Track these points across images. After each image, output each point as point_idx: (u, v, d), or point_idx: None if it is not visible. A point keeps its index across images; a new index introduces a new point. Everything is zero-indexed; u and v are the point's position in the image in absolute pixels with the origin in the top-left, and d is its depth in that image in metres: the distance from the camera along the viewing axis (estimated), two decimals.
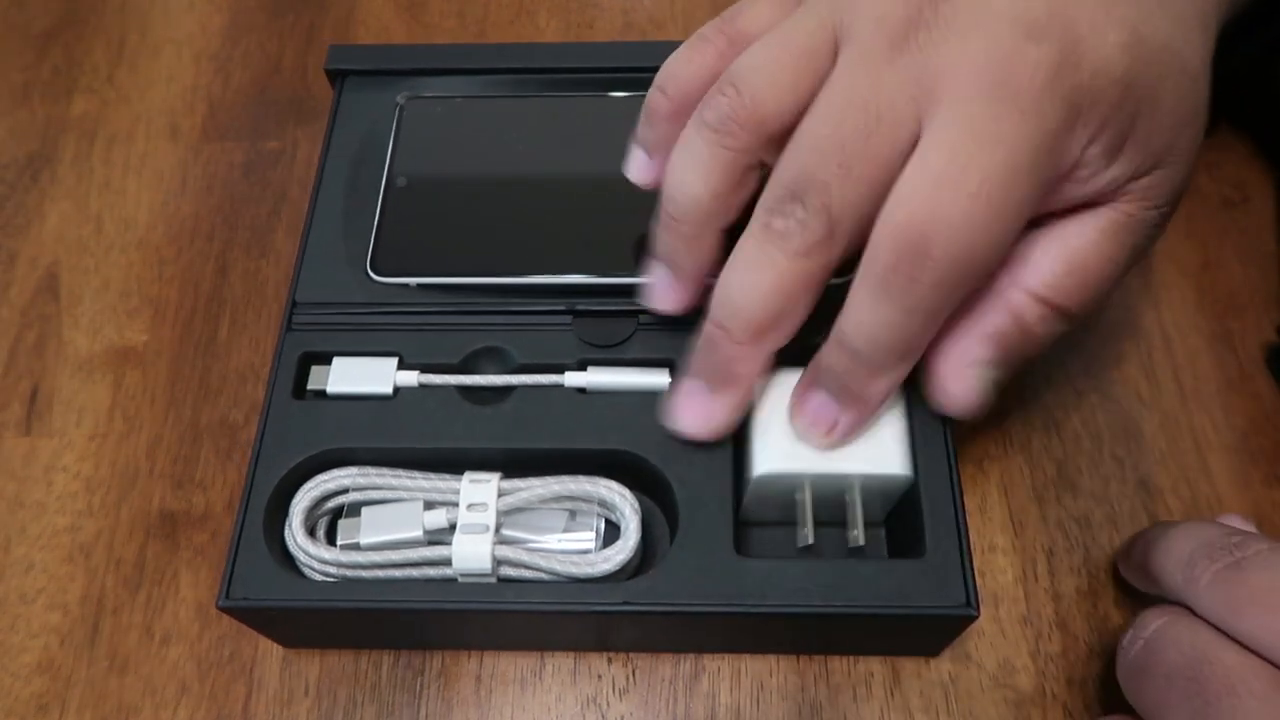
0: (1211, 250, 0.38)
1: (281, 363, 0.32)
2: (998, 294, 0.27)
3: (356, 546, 0.30)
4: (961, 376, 0.27)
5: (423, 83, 0.37)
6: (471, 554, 0.28)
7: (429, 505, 0.30)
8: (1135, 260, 0.28)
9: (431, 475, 0.30)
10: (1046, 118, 0.23)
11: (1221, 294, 0.37)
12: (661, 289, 0.30)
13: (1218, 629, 0.24)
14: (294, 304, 0.33)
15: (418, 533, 0.29)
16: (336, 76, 0.38)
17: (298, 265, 0.33)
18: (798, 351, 0.28)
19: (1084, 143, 0.25)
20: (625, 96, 0.36)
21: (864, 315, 0.25)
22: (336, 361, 0.32)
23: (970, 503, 0.33)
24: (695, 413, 0.29)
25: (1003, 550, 0.33)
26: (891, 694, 0.31)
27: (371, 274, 0.33)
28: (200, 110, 0.43)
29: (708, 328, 0.27)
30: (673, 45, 0.28)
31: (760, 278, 0.25)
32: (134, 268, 0.39)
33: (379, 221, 0.34)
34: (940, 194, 0.23)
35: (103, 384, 0.37)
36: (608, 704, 0.31)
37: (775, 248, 0.25)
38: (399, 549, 0.29)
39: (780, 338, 0.27)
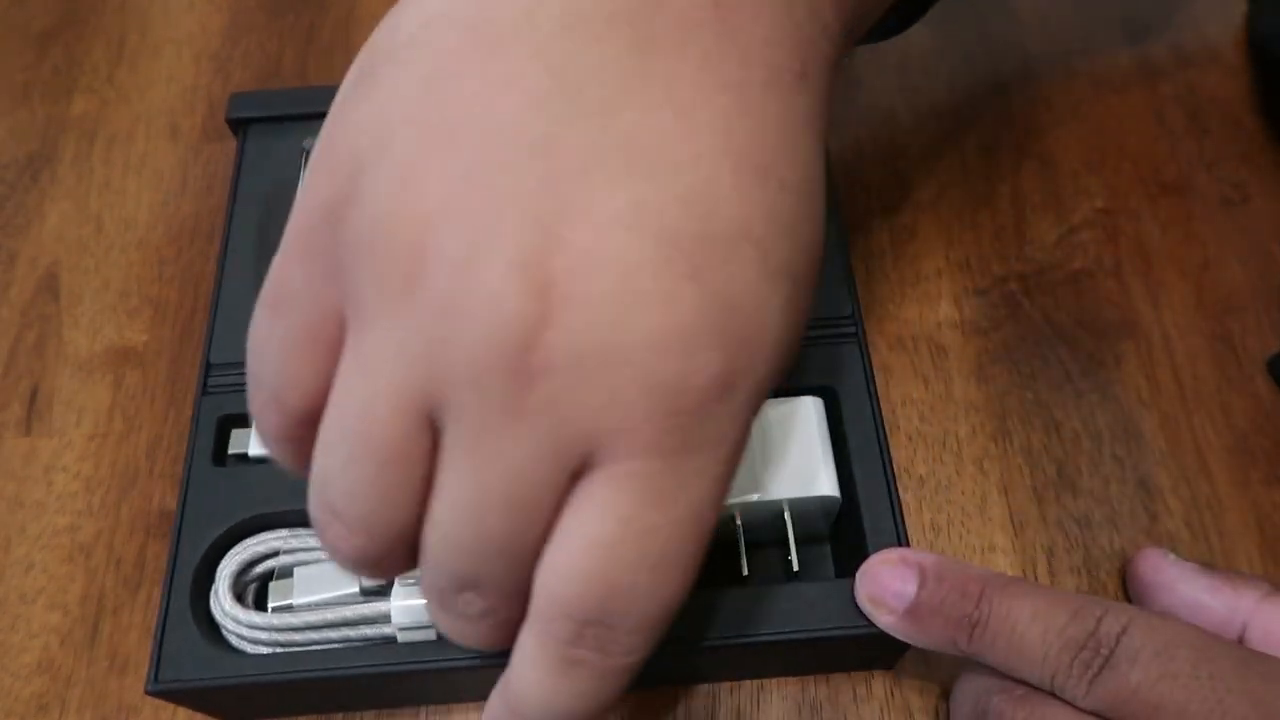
0: (1211, 250, 0.38)
1: (200, 428, 0.30)
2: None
3: (290, 609, 0.28)
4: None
5: None
6: (410, 608, 0.27)
7: None
8: (697, 537, 0.19)
9: None
10: None
11: (1221, 294, 0.37)
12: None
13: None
14: (209, 366, 0.31)
15: (354, 589, 0.28)
16: (239, 126, 0.37)
17: (210, 326, 0.32)
18: None
19: None
20: None
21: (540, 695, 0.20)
22: None
23: (970, 503, 0.33)
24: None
25: (1003, 550, 0.33)
26: (892, 694, 0.31)
27: None
28: (200, 110, 0.43)
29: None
30: None
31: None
32: (134, 268, 0.39)
33: None
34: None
35: (102, 384, 0.37)
36: None
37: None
38: (334, 608, 0.28)
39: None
